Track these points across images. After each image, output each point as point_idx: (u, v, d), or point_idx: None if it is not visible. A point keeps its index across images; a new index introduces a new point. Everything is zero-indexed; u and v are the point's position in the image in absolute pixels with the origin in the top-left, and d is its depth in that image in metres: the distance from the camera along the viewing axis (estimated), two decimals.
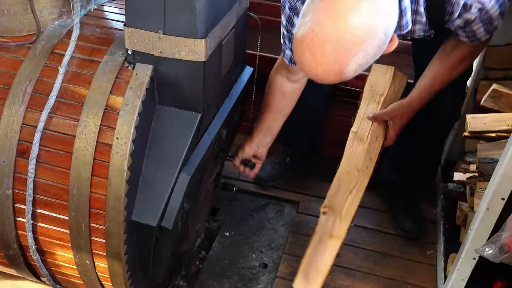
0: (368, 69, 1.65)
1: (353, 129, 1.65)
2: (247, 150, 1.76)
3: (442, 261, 1.74)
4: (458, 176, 1.77)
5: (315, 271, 1.52)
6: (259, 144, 1.75)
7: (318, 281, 1.51)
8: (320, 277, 1.51)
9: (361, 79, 1.67)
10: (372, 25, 1.03)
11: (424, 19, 1.29)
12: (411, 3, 1.23)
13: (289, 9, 1.40)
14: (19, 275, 1.51)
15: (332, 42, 1.01)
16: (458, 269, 1.51)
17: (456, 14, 1.25)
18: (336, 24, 1.01)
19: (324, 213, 1.57)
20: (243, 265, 1.81)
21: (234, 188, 2.00)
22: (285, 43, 1.51)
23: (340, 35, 1.01)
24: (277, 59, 2.08)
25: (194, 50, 1.21)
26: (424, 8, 1.26)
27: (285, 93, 1.65)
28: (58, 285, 1.49)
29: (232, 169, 2.07)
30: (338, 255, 1.55)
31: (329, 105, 2.10)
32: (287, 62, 1.55)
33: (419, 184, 1.99)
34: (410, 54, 1.78)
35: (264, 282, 1.76)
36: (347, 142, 1.65)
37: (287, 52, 1.52)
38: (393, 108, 1.60)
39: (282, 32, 1.50)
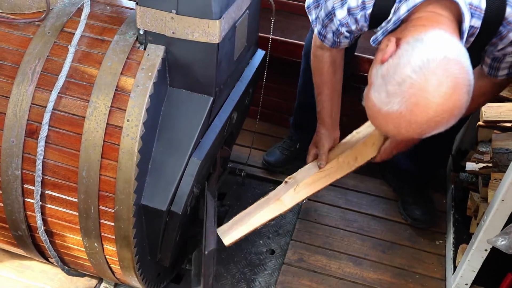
0: None
1: (357, 129, 1.59)
2: (326, 145, 1.58)
3: (452, 252, 1.73)
4: (470, 166, 1.75)
5: (241, 223, 1.51)
6: (333, 129, 1.59)
7: (238, 232, 1.50)
8: (242, 230, 1.50)
9: None
10: (463, 95, 0.98)
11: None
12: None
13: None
14: (27, 255, 1.51)
15: (422, 124, 1.00)
16: (468, 260, 1.50)
17: (500, 47, 1.21)
18: (426, 111, 0.98)
19: (285, 182, 1.55)
20: (250, 250, 1.80)
21: (242, 173, 1.98)
22: (325, 26, 1.37)
23: (431, 119, 0.99)
24: (289, 42, 2.06)
25: (208, 31, 1.18)
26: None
27: (336, 63, 1.52)
28: (66, 267, 1.49)
29: (240, 154, 2.06)
30: (272, 220, 1.54)
31: (345, 92, 2.05)
32: (329, 46, 1.43)
33: (432, 173, 1.96)
34: None
35: (271, 268, 1.76)
36: (348, 136, 1.59)
37: (329, 36, 1.39)
38: None
39: (317, 16, 1.39)
